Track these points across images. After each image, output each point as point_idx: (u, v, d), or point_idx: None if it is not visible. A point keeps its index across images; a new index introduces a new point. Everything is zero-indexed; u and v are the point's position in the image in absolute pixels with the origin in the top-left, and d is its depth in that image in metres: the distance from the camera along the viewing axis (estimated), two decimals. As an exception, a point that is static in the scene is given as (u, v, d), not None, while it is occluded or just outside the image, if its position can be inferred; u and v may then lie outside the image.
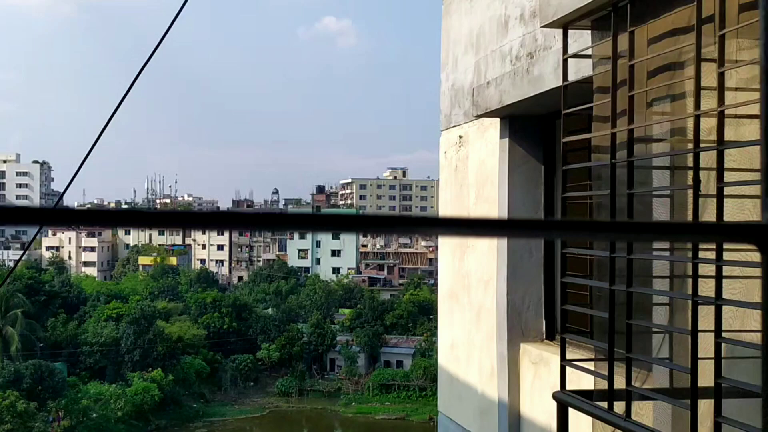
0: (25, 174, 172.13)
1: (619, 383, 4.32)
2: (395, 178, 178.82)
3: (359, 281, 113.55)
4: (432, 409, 77.15)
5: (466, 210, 8.71)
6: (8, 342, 76.96)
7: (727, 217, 3.59)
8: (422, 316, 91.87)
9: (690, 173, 4.40)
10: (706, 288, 3.54)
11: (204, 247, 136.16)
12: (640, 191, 4.16)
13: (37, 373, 70.84)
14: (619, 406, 4.31)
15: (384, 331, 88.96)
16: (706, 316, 3.55)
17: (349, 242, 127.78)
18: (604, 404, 4.37)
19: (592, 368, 4.69)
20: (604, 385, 4.45)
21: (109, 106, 7.93)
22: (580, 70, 5.07)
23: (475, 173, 8.47)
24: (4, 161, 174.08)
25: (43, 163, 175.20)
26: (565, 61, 4.67)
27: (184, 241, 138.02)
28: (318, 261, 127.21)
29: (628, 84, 3.99)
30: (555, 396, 4.77)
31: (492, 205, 7.96)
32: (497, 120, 7.65)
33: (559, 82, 6.01)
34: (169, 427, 77.15)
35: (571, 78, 4.92)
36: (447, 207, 9.42)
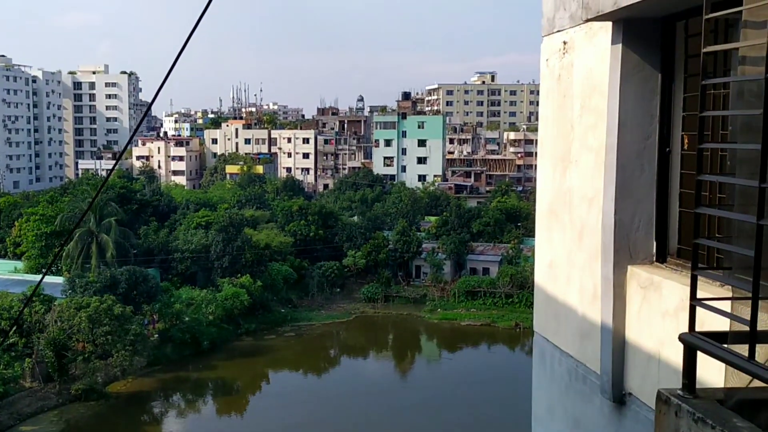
0: (113, 85, 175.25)
1: (759, 325, 3.81)
2: (483, 83, 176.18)
3: (445, 188, 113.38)
4: (518, 316, 77.50)
5: (570, 122, 8.10)
6: (104, 249, 79.55)
7: None
8: (509, 223, 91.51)
9: None
10: None
11: (289, 155, 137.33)
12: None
13: (132, 278, 73.26)
14: (761, 352, 3.81)
15: (470, 239, 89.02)
16: None
17: (435, 149, 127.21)
18: (743, 349, 3.85)
19: (728, 309, 4.17)
20: (739, 327, 3.93)
21: (194, 15, 7.51)
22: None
23: (581, 83, 7.82)
24: (93, 72, 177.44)
25: (131, 74, 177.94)
26: (710, -46, 4.00)
27: (269, 149, 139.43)
28: (404, 168, 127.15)
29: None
30: (682, 338, 4.26)
31: (600, 117, 7.34)
32: (609, 24, 6.95)
33: (687, -19, 5.34)
34: (258, 330, 79.36)
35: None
36: (548, 119, 8.80)
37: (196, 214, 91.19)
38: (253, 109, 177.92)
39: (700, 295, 4.46)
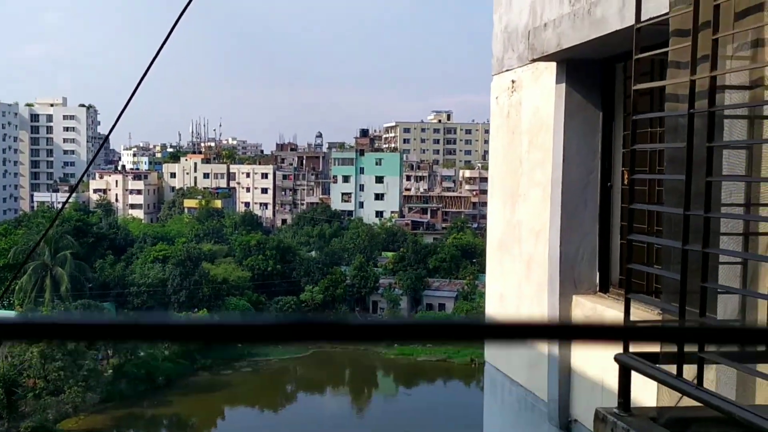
0: (71, 117, 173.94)
1: (686, 347, 4.06)
2: (439, 121, 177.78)
3: (402, 225, 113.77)
4: (473, 352, 77.66)
5: (519, 158, 8.40)
6: (58, 282, 78.47)
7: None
8: (465, 259, 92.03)
9: (767, 125, 4.08)
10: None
11: (248, 190, 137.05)
12: (720, 143, 3.84)
13: (86, 312, 72.23)
14: (687, 371, 4.06)
15: (426, 275, 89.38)
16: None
17: (392, 186, 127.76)
18: (673, 368, 4.11)
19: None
20: (670, 347, 4.19)
21: (155, 49, 7.71)
22: (648, 10, 4.71)
23: (528, 120, 8.14)
24: (51, 105, 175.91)
25: (89, 107, 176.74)
26: (638, 1, 4.31)
27: (228, 184, 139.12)
28: (361, 204, 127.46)
29: (712, 26, 3.64)
30: (617, 358, 4.51)
31: (546, 153, 7.64)
32: (553, 64, 7.28)
33: (623, 24, 5.65)
34: (215, 365, 78.57)
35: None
36: (498, 155, 9.11)
37: (153, 248, 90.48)
38: (213, 144, 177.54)
39: (634, 317, 4.73)
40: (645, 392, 4.95)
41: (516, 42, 8.26)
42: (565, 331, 0.97)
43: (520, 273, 8.53)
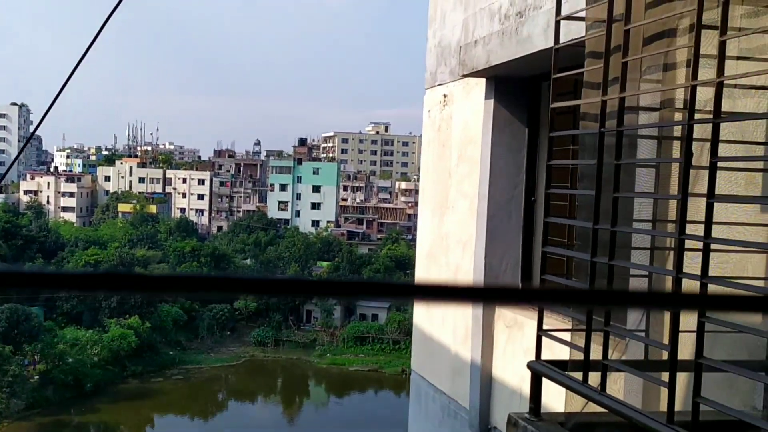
0: (2, 116, 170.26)
1: (594, 354, 4.25)
2: (377, 132, 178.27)
3: (338, 235, 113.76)
4: (405, 362, 77.95)
5: (448, 170, 8.59)
6: (-17, 284, 76.48)
7: (725, 190, 3.49)
8: (399, 270, 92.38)
9: (675, 145, 4.30)
10: (693, 264, 3.45)
11: (184, 196, 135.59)
12: (627, 161, 4.04)
13: (13, 317, 70.67)
14: (593, 378, 4.24)
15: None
16: (688, 291, 3.46)
17: (329, 195, 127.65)
18: (579, 375, 4.29)
19: (568, 339, 4.61)
20: (579, 355, 4.37)
21: (93, 49, 7.70)
22: (570, 32, 4.91)
23: (458, 134, 8.33)
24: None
25: (21, 106, 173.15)
26: (557, 23, 4.51)
27: (164, 189, 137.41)
28: (298, 213, 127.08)
29: (623, 50, 3.84)
30: (530, 366, 4.69)
31: (474, 166, 7.84)
32: (483, 80, 7.49)
33: (549, 44, 5.85)
34: (145, 373, 77.47)
35: (561, 40, 4.77)
36: (429, 167, 9.28)
37: (84, 252, 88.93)
38: (149, 148, 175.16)
39: (548, 326, 4.91)
40: (556, 399, 5.14)
41: (448, 57, 8.45)
42: (490, 293, 1.10)
43: (448, 281, 8.70)
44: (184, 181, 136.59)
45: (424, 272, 9.52)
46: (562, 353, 4.77)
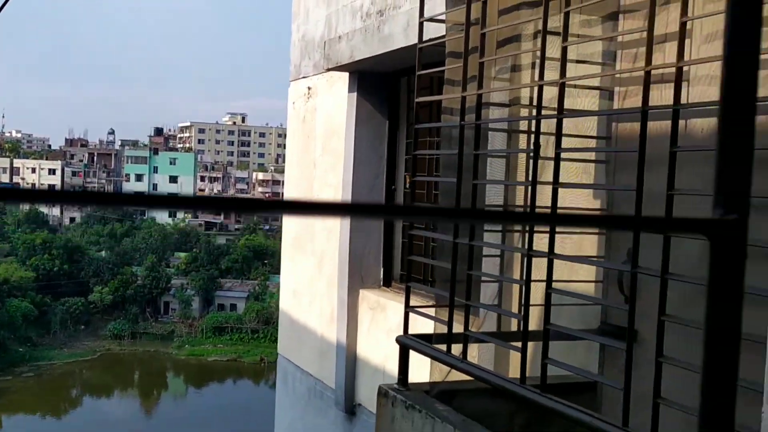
0: None
1: (455, 328, 4.67)
2: (234, 123, 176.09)
3: (195, 225, 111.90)
4: (263, 351, 77.93)
5: (313, 161, 8.89)
6: None
7: (563, 179, 3.95)
8: (257, 260, 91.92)
9: (522, 138, 4.78)
10: (540, 243, 3.90)
11: (34, 186, 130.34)
12: (485, 152, 4.47)
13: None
14: (455, 349, 4.66)
15: (219, 275, 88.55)
16: (536, 268, 3.91)
17: (186, 186, 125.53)
18: (443, 347, 4.70)
19: (433, 314, 5.02)
20: (442, 329, 4.79)
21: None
22: (428, 32, 5.31)
23: (322, 125, 8.65)
24: None
25: None
26: (420, 24, 4.89)
27: (11, 179, 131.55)
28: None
29: (479, 51, 4.26)
30: (398, 339, 5.07)
31: (337, 158, 8.18)
32: (346, 74, 7.83)
33: (408, 42, 6.27)
34: (-8, 372, 74.29)
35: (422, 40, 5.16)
36: (294, 157, 9.56)
37: None
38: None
39: (414, 304, 5.31)
40: (421, 371, 5.56)
41: (312, 51, 8.75)
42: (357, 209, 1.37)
43: (313, 269, 9.02)
44: (34, 170, 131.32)
45: (290, 260, 9.80)
46: (425, 330, 5.18)
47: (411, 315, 5.11)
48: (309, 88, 8.93)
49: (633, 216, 3.11)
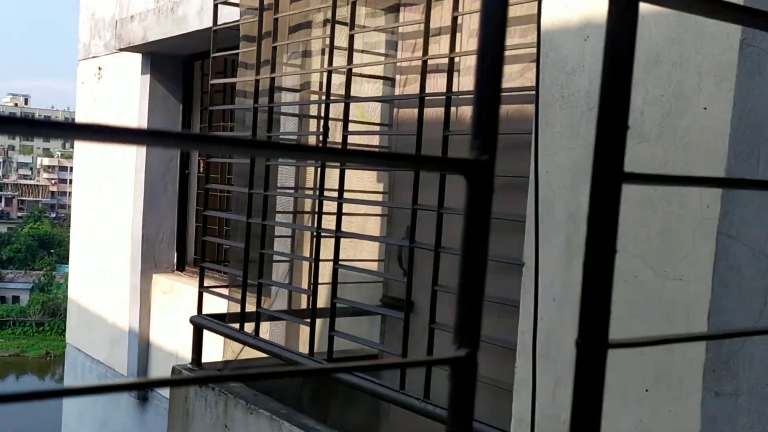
0: None
1: (248, 308, 4.80)
2: (16, 105, 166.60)
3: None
4: (49, 344, 74.58)
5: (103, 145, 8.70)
6: None
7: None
8: (42, 250, 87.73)
9: (312, 123, 4.98)
10: (329, 224, 4.10)
11: None
12: (277, 134, 4.63)
13: None
14: (248, 327, 4.79)
15: (0, 266, 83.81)
16: (325, 248, 4.12)
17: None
18: (236, 326, 4.82)
19: (227, 294, 5.12)
20: (236, 308, 4.91)
21: None
22: (223, 16, 5.38)
23: (115, 107, 8.48)
24: None
25: None
26: (215, 6, 4.96)
27: None
28: None
29: (272, 36, 4.40)
30: (192, 320, 5.14)
31: (131, 140, 8.06)
32: (139, 55, 7.74)
33: (202, 25, 6.30)
34: None
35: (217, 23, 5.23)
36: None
37: None
38: None
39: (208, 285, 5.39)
40: (215, 351, 5.65)
41: (103, 30, 8.55)
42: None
43: (103, 256, 8.84)
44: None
45: (80, 246, 9.54)
46: (221, 310, 5.28)
47: (206, 297, 5.19)
48: (99, 69, 8.72)
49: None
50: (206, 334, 5.09)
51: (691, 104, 2.07)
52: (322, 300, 4.25)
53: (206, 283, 5.45)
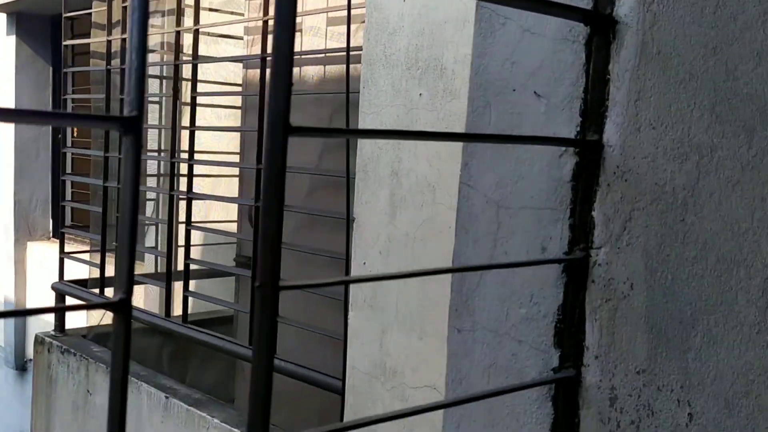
0: None
1: (112, 272, 4.76)
2: None
3: None
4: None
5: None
6: None
7: (206, 123, 4.15)
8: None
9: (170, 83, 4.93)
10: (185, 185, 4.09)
11: None
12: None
13: None
14: (108, 292, 4.75)
15: None
16: (184, 210, 4.10)
17: None
18: (97, 291, 4.78)
19: (89, 259, 5.06)
20: (97, 273, 4.86)
21: None
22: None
23: (-19, 70, 8.21)
24: None
25: None
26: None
27: None
28: None
29: (123, -5, 4.33)
30: (53, 287, 5.06)
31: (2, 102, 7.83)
32: (3, 15, 7.49)
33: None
34: None
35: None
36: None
37: None
38: None
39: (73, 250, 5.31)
40: (81, 318, 5.59)
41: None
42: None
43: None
44: None
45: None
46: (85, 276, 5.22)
47: (77, 265, 5.11)
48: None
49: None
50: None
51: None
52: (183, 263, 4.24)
53: (76, 248, 5.38)
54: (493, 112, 1.30)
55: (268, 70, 3.40)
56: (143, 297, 5.29)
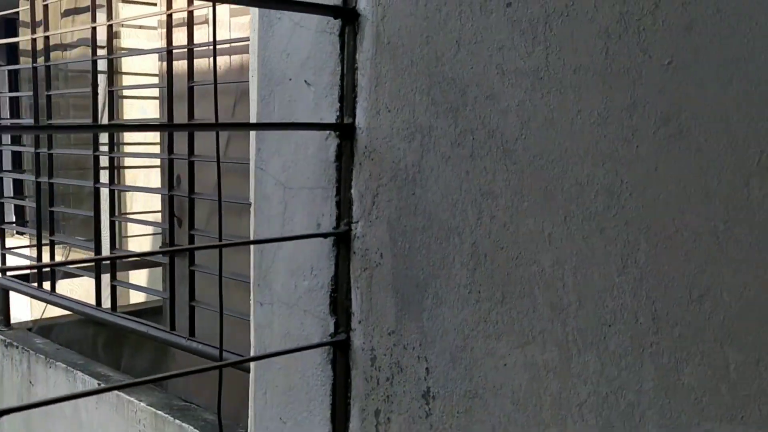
0: None
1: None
2: None
3: None
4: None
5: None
6: None
7: (129, 116, 4.24)
8: None
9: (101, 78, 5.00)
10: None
11: None
12: (55, 93, 4.64)
13: None
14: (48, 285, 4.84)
15: None
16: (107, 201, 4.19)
17: None
18: (36, 284, 4.86)
19: (28, 254, 5.14)
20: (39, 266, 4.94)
21: None
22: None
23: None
24: None
25: None
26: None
27: None
28: None
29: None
30: (-5, 282, 5.14)
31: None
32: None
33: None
34: None
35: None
36: None
37: None
38: None
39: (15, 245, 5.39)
40: (25, 311, 5.67)
41: None
42: None
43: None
44: None
45: None
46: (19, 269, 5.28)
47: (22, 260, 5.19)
48: None
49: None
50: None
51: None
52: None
53: (22, 242, 5.45)
54: (276, 101, 1.41)
55: (176, 62, 3.50)
56: (73, 288, 5.36)
